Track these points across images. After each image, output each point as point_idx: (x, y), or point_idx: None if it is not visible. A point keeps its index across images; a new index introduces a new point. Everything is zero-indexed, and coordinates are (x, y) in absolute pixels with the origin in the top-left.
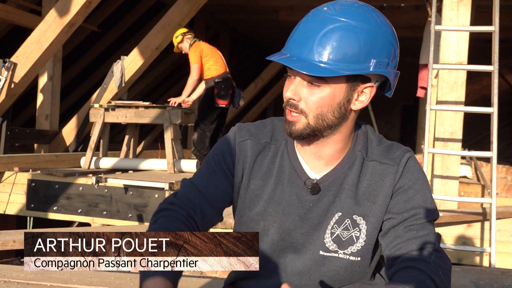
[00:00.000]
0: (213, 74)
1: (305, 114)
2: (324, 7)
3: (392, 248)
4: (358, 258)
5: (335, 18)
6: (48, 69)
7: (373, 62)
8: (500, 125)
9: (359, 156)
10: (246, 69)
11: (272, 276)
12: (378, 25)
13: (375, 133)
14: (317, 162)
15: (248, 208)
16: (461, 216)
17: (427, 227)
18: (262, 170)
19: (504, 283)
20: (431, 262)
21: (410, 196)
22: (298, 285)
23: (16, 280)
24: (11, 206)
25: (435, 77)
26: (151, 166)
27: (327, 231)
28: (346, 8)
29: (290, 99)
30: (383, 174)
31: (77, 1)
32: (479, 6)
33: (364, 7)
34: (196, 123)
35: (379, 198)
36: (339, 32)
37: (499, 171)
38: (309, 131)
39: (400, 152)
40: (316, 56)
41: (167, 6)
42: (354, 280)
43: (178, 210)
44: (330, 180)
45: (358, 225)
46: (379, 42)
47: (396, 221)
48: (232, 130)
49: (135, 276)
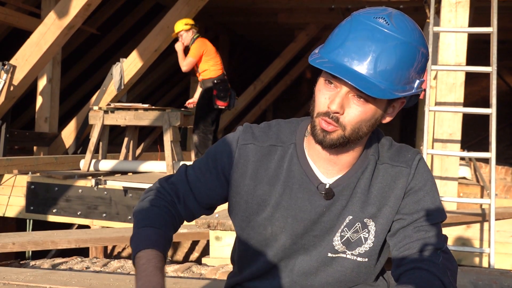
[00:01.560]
0: (212, 75)
1: (343, 127)
2: (379, 17)
3: (400, 248)
4: (365, 259)
5: (395, 36)
6: (47, 71)
7: (417, 82)
8: (499, 126)
9: (372, 160)
10: (245, 71)
11: (278, 276)
12: (423, 42)
13: (385, 137)
14: (331, 167)
15: (256, 213)
16: (460, 217)
17: (435, 228)
18: (269, 175)
19: (503, 283)
20: (439, 264)
21: (420, 197)
22: (304, 285)
23: (16, 283)
24: (11, 209)
25: (434, 78)
26: (150, 168)
27: (337, 234)
28: (402, 24)
29: (335, 113)
30: (396, 176)
31: (76, 4)
32: (478, 7)
33: (413, 23)
34: (196, 125)
35: (390, 200)
36: (398, 51)
37: (499, 172)
38: (342, 142)
39: (411, 154)
40: (373, 74)
41: (166, 9)
42: (359, 281)
43: (165, 194)
44: (343, 185)
45: (367, 227)
46: (423, 61)
47: (406, 221)
48: (238, 130)
49: (134, 278)
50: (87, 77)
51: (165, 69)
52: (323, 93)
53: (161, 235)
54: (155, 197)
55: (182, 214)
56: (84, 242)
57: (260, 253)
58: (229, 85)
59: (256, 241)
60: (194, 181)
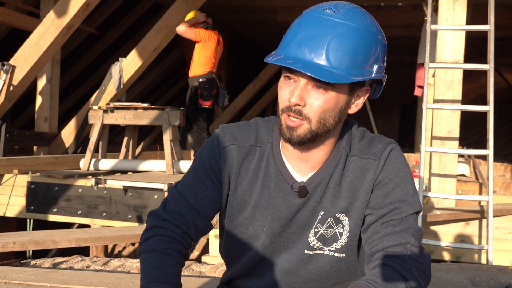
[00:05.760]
0: (198, 72)
1: (308, 120)
2: (326, 9)
3: (369, 244)
4: (343, 254)
5: (344, 23)
6: (46, 71)
7: (375, 67)
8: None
9: (343, 153)
10: (244, 70)
11: (264, 275)
12: (376, 29)
13: (358, 128)
14: (304, 165)
15: (237, 212)
16: (459, 214)
17: (406, 221)
18: (249, 175)
19: (500, 279)
20: (405, 259)
21: (389, 190)
22: (287, 283)
23: (17, 282)
24: (11, 209)
25: (432, 76)
26: (150, 167)
27: (311, 231)
28: (351, 12)
29: (296, 105)
30: (364, 169)
31: (75, 3)
32: (476, 4)
33: (363, 11)
34: (188, 125)
35: (360, 193)
36: (348, 36)
37: (498, 169)
38: (310, 136)
39: (382, 145)
40: (327, 61)
41: (165, 8)
42: (343, 276)
43: (173, 229)
44: (316, 182)
45: (341, 222)
46: (379, 47)
47: (374, 216)
48: (215, 134)
49: (134, 276)
50: (86, 77)
51: (164, 68)
52: (284, 89)
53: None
54: (163, 239)
55: (193, 238)
56: (84, 241)
57: (243, 252)
58: (218, 83)
59: (239, 240)
60: (195, 201)
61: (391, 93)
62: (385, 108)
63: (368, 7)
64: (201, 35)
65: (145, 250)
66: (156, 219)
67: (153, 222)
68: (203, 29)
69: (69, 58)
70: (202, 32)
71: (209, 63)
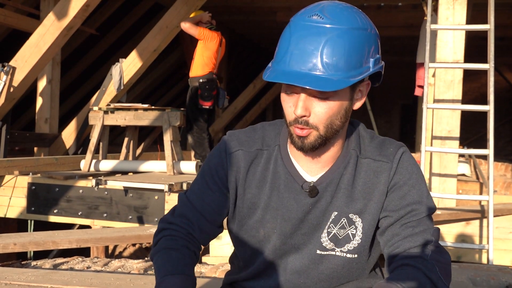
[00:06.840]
0: (199, 73)
1: (315, 128)
2: (312, 15)
3: (390, 247)
4: (355, 255)
5: (332, 27)
6: (47, 72)
7: (371, 61)
8: (499, 122)
9: (353, 154)
10: (245, 70)
11: (272, 275)
12: (365, 23)
13: (366, 130)
14: (313, 165)
15: (247, 216)
16: (459, 214)
17: (424, 222)
18: (256, 178)
19: (500, 279)
20: (428, 259)
21: (405, 192)
22: (297, 283)
23: (17, 283)
24: (12, 210)
25: (432, 75)
26: (150, 168)
27: (324, 231)
28: (336, 13)
29: (301, 117)
30: (378, 171)
31: (75, 5)
32: (476, 4)
33: (348, 8)
34: (188, 126)
35: (374, 195)
36: (340, 40)
37: (499, 169)
38: (321, 142)
39: (394, 148)
40: (323, 70)
41: (165, 9)
42: (352, 277)
43: (178, 229)
44: (327, 181)
45: (354, 223)
46: (371, 40)
47: (392, 219)
48: (222, 140)
49: (135, 277)
50: (86, 78)
51: (165, 69)
52: (287, 102)
53: (186, 279)
54: (170, 238)
55: (200, 242)
56: (85, 242)
57: (256, 255)
58: (219, 84)
59: (251, 244)
60: (201, 204)
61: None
62: (385, 108)
63: (368, 7)
64: (204, 34)
65: (154, 252)
66: (164, 223)
67: (161, 226)
68: (206, 29)
69: (70, 59)
70: (205, 32)
71: (210, 63)
